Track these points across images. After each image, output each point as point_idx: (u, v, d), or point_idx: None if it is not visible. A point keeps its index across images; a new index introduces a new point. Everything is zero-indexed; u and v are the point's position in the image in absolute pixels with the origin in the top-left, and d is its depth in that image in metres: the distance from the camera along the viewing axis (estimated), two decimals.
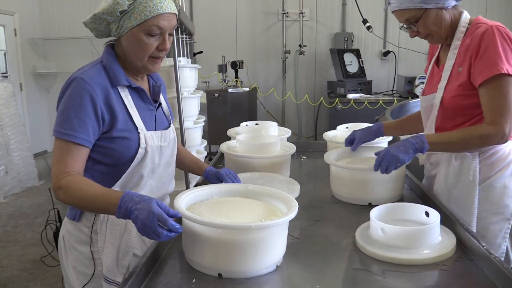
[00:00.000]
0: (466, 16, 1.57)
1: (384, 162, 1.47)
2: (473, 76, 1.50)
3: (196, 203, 1.24)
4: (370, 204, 1.57)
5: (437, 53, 1.72)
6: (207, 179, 1.60)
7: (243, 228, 1.05)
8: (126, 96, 1.33)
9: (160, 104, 1.47)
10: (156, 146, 1.38)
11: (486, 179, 1.55)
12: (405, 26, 1.60)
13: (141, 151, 1.33)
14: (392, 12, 1.59)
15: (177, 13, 1.33)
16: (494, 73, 1.43)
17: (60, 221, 1.52)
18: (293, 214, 1.11)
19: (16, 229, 4.00)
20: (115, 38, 1.37)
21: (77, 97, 1.23)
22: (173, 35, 1.38)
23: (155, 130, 1.41)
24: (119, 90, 1.32)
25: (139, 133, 1.33)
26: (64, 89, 1.27)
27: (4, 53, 6.22)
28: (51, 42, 6.67)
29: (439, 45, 1.72)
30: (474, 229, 1.52)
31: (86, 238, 1.34)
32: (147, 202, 1.07)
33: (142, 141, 1.33)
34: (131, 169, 1.33)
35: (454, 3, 1.54)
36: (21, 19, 6.34)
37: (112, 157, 1.31)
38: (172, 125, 1.52)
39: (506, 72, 1.43)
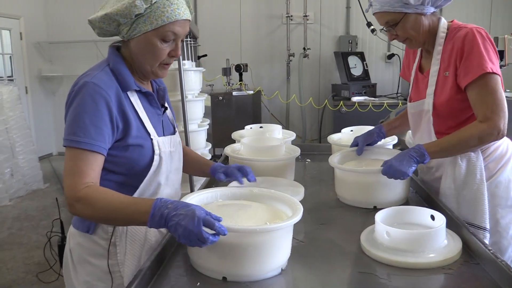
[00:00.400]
0: (444, 22, 1.64)
1: (388, 178, 1.51)
2: (459, 78, 1.55)
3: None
4: (375, 207, 1.57)
5: (418, 60, 1.78)
6: (214, 174, 1.53)
7: (247, 231, 1.05)
8: (136, 101, 1.29)
9: (166, 108, 1.44)
10: (167, 151, 1.34)
11: (491, 176, 1.62)
12: (384, 29, 1.65)
13: (156, 158, 1.29)
14: (373, 14, 1.64)
15: (190, 20, 1.30)
16: (479, 73, 1.48)
17: (63, 232, 1.46)
18: (298, 217, 1.11)
19: (21, 231, 4.01)
20: (120, 39, 1.32)
21: (91, 102, 1.17)
22: (183, 41, 1.36)
23: (164, 135, 1.37)
24: (129, 94, 1.27)
25: (151, 139, 1.29)
26: (74, 94, 1.20)
27: (10, 56, 6.27)
28: (56, 45, 6.71)
29: (418, 52, 1.79)
30: (487, 226, 1.57)
31: (102, 251, 1.28)
32: (188, 207, 1.02)
33: (156, 147, 1.29)
34: (149, 178, 1.29)
35: (432, 10, 1.60)
36: (27, 23, 6.39)
37: (124, 166, 1.26)
38: (177, 129, 1.50)
39: (490, 70, 1.48)
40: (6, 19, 6.06)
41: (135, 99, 1.29)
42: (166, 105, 1.46)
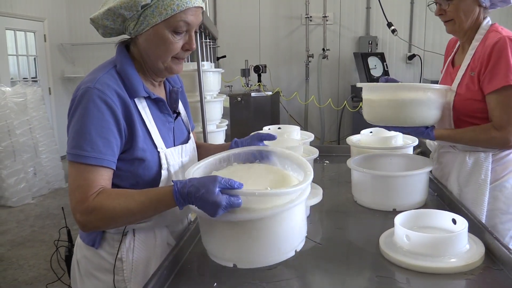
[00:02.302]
0: (488, 21, 1.64)
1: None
2: (482, 84, 1.57)
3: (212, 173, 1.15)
4: (394, 209, 1.55)
5: (453, 54, 1.79)
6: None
7: (246, 194, 0.97)
8: (144, 109, 1.17)
9: (179, 113, 1.32)
10: (177, 163, 1.23)
11: (498, 179, 1.63)
12: (435, 2, 1.65)
13: (164, 173, 1.18)
14: None
15: (203, 7, 1.18)
16: (503, 84, 1.50)
17: (71, 241, 1.41)
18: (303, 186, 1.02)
19: (43, 229, 4.09)
20: (126, 37, 1.21)
21: (96, 112, 1.06)
22: (197, 33, 1.25)
23: (174, 145, 1.26)
24: (136, 101, 1.16)
25: (158, 152, 1.18)
26: (76, 103, 1.09)
27: (34, 58, 6.41)
28: (78, 47, 6.84)
29: (456, 47, 1.80)
30: None
31: (109, 266, 1.20)
32: (208, 176, 0.98)
33: (164, 161, 1.18)
34: None
35: (488, 4, 1.60)
36: (51, 25, 6.53)
37: (128, 180, 1.16)
38: (191, 135, 1.38)
39: None
40: (31, 22, 6.20)
41: (143, 106, 1.17)
42: (180, 109, 1.35)
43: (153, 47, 1.15)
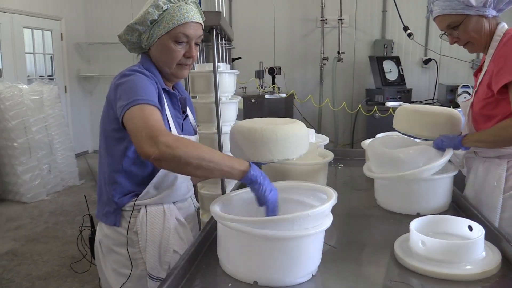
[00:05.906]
0: (502, 26, 1.61)
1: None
2: (493, 81, 1.53)
3: None
4: (418, 214, 1.53)
5: (480, 64, 1.76)
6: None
7: (276, 237, 1.03)
8: (164, 98, 1.39)
9: (187, 115, 1.53)
10: None
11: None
12: (445, 33, 1.65)
13: None
14: (434, 18, 1.64)
15: (202, 24, 1.42)
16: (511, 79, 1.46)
17: (93, 226, 1.57)
18: (327, 224, 1.10)
19: (57, 225, 4.14)
20: (146, 51, 1.43)
21: (142, 80, 1.28)
22: (199, 45, 1.43)
23: (183, 135, 1.46)
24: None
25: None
26: (122, 76, 1.29)
27: (51, 56, 6.50)
28: (94, 46, 6.92)
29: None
30: None
31: (126, 240, 1.37)
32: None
33: None
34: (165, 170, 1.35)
35: (494, 13, 1.58)
36: (67, 24, 6.62)
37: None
38: (197, 135, 1.59)
39: None
40: (48, 20, 6.29)
41: (163, 97, 1.38)
42: (188, 113, 1.55)
43: (160, 55, 1.39)
